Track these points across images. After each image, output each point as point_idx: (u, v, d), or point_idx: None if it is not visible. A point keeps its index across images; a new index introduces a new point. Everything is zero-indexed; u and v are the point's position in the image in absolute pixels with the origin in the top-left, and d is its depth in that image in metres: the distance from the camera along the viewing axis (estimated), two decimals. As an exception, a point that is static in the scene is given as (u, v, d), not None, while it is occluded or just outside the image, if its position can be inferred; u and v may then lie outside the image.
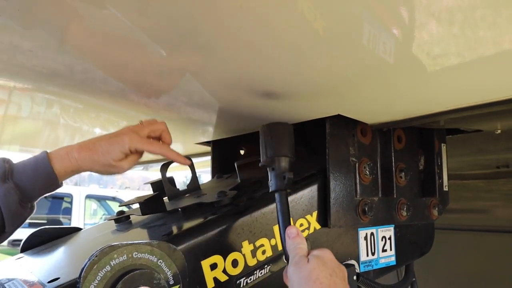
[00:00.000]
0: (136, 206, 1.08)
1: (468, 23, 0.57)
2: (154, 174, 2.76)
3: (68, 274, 0.72)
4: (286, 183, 0.80)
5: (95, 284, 0.64)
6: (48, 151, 0.90)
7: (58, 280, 0.70)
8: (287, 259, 0.76)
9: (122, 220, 1.07)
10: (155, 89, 0.99)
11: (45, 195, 0.89)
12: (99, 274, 0.64)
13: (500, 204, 1.94)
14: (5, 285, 0.78)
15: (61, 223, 7.22)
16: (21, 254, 1.04)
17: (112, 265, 0.65)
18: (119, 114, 1.31)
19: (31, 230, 1.09)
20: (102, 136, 0.93)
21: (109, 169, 0.91)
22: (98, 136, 0.94)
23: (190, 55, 0.76)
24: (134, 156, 0.93)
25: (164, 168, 1.09)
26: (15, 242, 6.05)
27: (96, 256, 0.64)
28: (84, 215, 7.61)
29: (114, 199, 8.32)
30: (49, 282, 0.71)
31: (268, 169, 0.83)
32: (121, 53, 0.78)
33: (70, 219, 7.37)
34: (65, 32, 0.71)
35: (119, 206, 1.20)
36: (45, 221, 6.69)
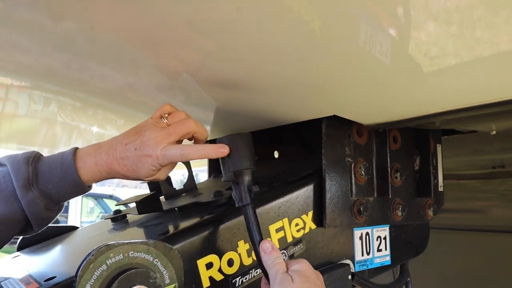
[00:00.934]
0: (133, 205, 1.08)
1: (466, 23, 0.58)
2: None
3: (64, 273, 0.72)
4: (252, 197, 0.78)
5: (91, 283, 0.64)
6: (78, 146, 0.81)
7: (55, 279, 0.71)
8: (266, 275, 0.75)
9: (118, 219, 1.08)
10: (152, 87, 0.99)
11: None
12: (95, 273, 0.65)
13: (496, 204, 1.96)
14: (2, 283, 0.78)
15: (57, 221, 7.18)
16: (18, 253, 1.04)
17: (108, 264, 0.66)
18: (117, 112, 1.31)
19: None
20: (129, 140, 0.79)
21: (145, 179, 0.81)
22: (124, 137, 0.80)
23: (188, 56, 0.76)
24: (169, 166, 0.82)
25: None
26: (11, 240, 6.03)
27: (93, 255, 0.65)
28: (81, 213, 7.60)
29: (111, 197, 8.30)
30: (45, 280, 0.71)
31: (232, 184, 0.80)
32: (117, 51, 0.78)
33: (66, 217, 7.35)
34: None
35: (116, 205, 1.20)
36: (42, 219, 6.68)
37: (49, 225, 1.07)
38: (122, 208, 1.16)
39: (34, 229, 0.79)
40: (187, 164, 1.09)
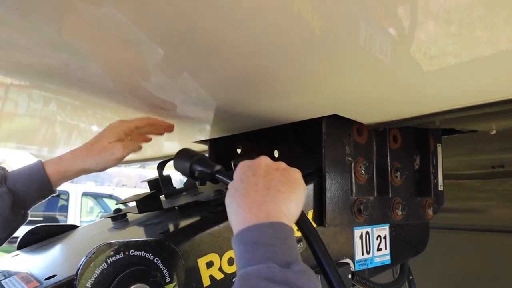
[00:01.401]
0: (132, 204, 1.08)
1: (466, 23, 0.58)
2: (151, 172, 2.77)
3: (65, 271, 0.73)
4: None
5: (92, 282, 0.64)
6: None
7: (55, 277, 0.71)
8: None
9: (118, 218, 1.08)
10: (151, 88, 0.99)
11: (39, 202, 0.90)
12: (96, 271, 0.65)
13: (496, 204, 1.96)
14: (2, 282, 0.78)
15: (57, 221, 7.21)
16: (18, 252, 1.04)
17: (109, 262, 0.66)
18: (116, 111, 1.31)
19: (27, 227, 1.09)
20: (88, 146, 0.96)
21: (104, 157, 0.92)
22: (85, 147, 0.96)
23: (188, 54, 0.76)
24: (129, 142, 0.96)
25: (161, 166, 1.09)
26: (11, 239, 6.04)
27: (93, 253, 0.65)
28: (81, 213, 7.60)
29: (110, 196, 8.31)
30: (46, 279, 0.71)
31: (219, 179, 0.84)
32: (118, 50, 0.78)
33: (66, 217, 7.35)
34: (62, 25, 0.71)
35: (116, 204, 1.20)
36: (41, 218, 6.68)
37: (50, 224, 1.08)
38: (122, 207, 1.17)
39: None
40: None
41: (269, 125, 1.16)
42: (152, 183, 1.12)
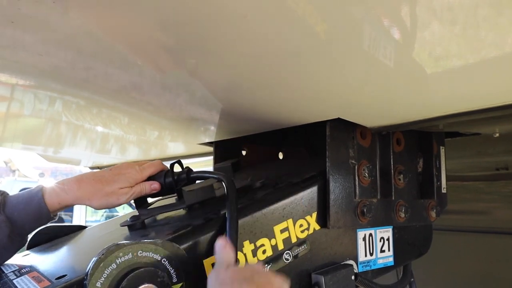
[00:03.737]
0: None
1: (470, 24, 0.57)
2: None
3: (75, 271, 0.74)
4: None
5: (102, 281, 0.66)
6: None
7: (66, 277, 0.73)
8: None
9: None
10: (157, 89, 1.00)
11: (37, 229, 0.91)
12: (106, 271, 0.67)
13: (500, 205, 1.96)
14: (14, 281, 0.80)
15: (62, 221, 7.26)
16: (28, 251, 1.06)
17: (118, 263, 0.68)
18: (121, 111, 1.32)
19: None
20: (98, 187, 0.92)
21: (109, 200, 0.91)
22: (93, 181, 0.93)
23: (195, 58, 0.77)
24: (137, 188, 0.95)
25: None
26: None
27: (103, 254, 0.67)
28: (86, 213, 7.65)
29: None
30: (56, 278, 0.73)
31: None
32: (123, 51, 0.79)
33: (71, 216, 7.40)
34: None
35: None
36: (47, 219, 6.73)
37: (59, 224, 1.09)
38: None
39: None
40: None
41: (273, 128, 1.17)
42: None
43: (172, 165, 1.05)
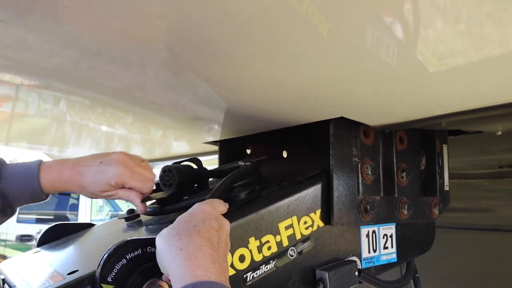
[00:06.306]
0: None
1: (474, 21, 0.57)
2: (157, 172, 2.80)
3: (86, 266, 0.77)
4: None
5: (112, 276, 0.68)
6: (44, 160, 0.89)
7: (77, 272, 0.75)
8: None
9: (132, 218, 1.11)
10: (162, 89, 1.01)
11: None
12: (116, 266, 0.69)
13: (505, 203, 1.96)
14: (27, 277, 0.83)
15: (67, 219, 7.32)
16: (38, 248, 1.09)
17: (128, 258, 0.70)
18: (126, 110, 1.34)
19: (38, 226, 1.13)
20: (96, 157, 0.90)
21: (98, 196, 0.90)
22: (93, 155, 0.91)
23: (200, 59, 0.79)
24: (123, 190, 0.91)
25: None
26: (23, 237, 6.16)
27: (113, 250, 0.69)
28: (91, 211, 7.70)
29: (120, 196, 8.36)
30: (68, 274, 0.76)
31: None
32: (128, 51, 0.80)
33: (76, 215, 7.45)
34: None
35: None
36: (52, 217, 6.78)
37: (68, 222, 1.11)
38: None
39: None
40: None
41: (278, 127, 1.19)
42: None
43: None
